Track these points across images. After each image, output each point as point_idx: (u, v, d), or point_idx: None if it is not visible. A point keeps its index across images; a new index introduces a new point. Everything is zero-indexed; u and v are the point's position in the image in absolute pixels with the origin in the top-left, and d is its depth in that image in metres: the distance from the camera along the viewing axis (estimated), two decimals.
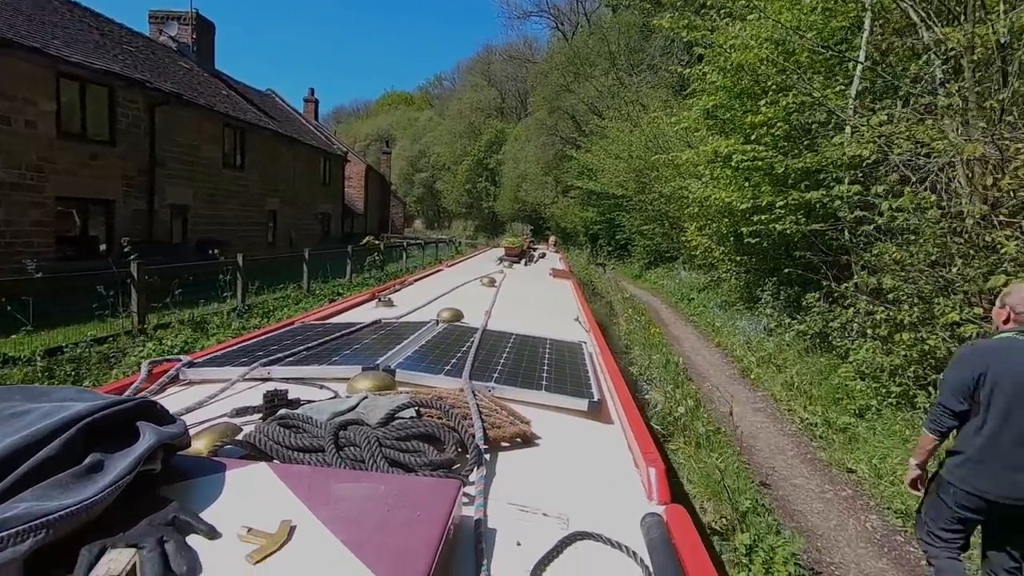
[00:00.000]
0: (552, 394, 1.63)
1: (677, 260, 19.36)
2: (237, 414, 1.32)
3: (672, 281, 17.62)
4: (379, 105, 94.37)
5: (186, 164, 14.10)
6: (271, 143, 18.28)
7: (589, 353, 2.29)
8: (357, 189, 28.28)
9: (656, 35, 28.12)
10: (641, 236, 21.50)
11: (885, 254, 5.29)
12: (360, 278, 13.72)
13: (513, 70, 56.49)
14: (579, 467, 1.29)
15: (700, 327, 11.08)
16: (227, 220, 16.00)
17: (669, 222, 18.73)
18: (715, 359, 8.74)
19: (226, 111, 15.67)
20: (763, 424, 5.98)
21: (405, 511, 0.78)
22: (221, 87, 17.46)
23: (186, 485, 0.83)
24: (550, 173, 34.22)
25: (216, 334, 7.39)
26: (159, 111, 12.83)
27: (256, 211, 17.71)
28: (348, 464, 0.97)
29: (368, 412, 1.20)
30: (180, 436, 0.85)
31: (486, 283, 4.45)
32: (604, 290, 18.54)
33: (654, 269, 20.83)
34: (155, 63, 14.30)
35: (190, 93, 14.32)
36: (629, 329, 10.91)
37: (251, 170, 17.25)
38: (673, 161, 11.19)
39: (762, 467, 4.87)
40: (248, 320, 8.56)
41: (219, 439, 1.08)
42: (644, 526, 1.00)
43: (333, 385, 1.59)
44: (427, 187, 68.12)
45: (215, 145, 15.39)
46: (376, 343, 2.08)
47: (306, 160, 20.99)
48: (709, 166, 9.53)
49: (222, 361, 1.81)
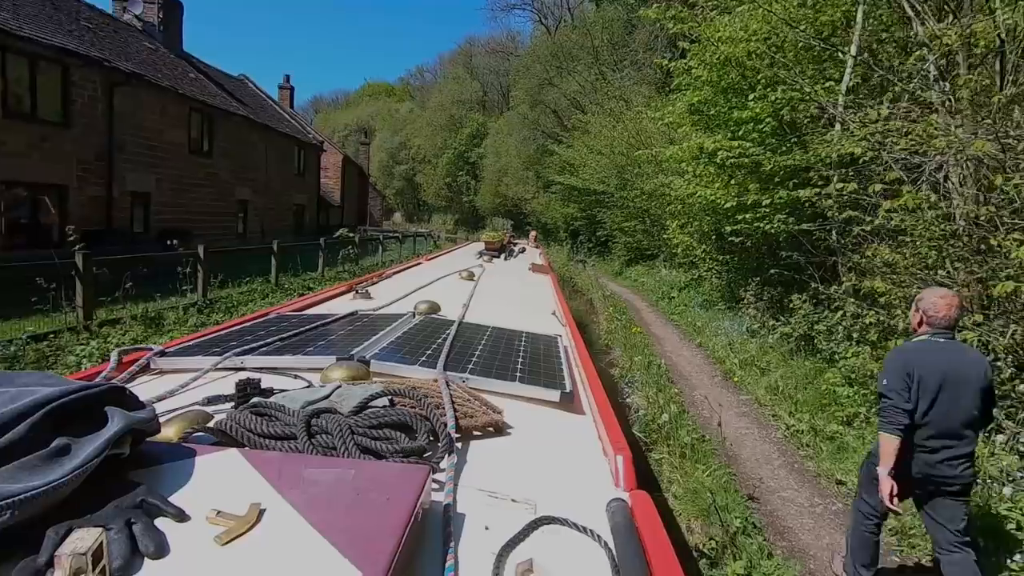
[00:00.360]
0: (525, 385, 1.65)
1: (658, 257, 19.27)
2: (209, 402, 1.32)
3: (653, 279, 17.49)
4: (359, 95, 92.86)
5: (148, 149, 13.36)
6: (242, 129, 17.54)
7: (564, 346, 2.33)
8: (334, 180, 27.51)
9: (639, 30, 28.00)
10: (622, 233, 21.35)
11: (876, 256, 5.09)
12: (333, 272, 13.22)
13: (495, 63, 55.98)
14: (549, 455, 1.31)
15: (681, 327, 10.90)
16: (193, 209, 15.28)
17: (650, 219, 18.60)
18: (698, 360, 8.54)
19: (193, 94, 14.93)
20: (748, 430, 5.77)
21: (374, 495, 0.79)
22: (188, 69, 16.66)
23: (155, 470, 0.83)
24: (531, 168, 33.90)
25: (172, 331, 6.89)
26: (118, 92, 12.09)
27: (225, 200, 16.98)
28: (320, 451, 0.98)
29: (341, 401, 1.21)
30: (149, 422, 0.86)
31: (465, 277, 4.47)
32: (584, 287, 18.34)
33: (634, 266, 20.71)
34: (116, 42, 13.50)
35: (153, 74, 13.57)
36: (610, 328, 10.67)
37: (220, 157, 16.52)
38: (656, 157, 10.94)
39: (749, 478, 4.64)
40: (209, 316, 8.06)
41: (189, 426, 1.10)
42: (609, 511, 1.02)
43: (307, 375, 1.60)
44: (407, 180, 67.28)
45: (181, 130, 14.64)
46: (352, 334, 2.08)
47: (279, 149, 20.26)
48: (693, 163, 9.31)
49: (194, 350, 1.80)
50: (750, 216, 7.71)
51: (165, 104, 13.87)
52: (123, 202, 12.65)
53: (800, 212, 7.31)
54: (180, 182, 14.67)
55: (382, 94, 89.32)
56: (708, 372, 7.89)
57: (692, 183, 10.26)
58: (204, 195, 15.80)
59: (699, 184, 9.81)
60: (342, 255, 14.05)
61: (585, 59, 28.73)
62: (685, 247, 12.98)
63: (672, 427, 4.89)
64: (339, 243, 14.22)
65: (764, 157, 6.92)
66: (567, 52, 30.10)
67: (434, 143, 58.01)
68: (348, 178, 29.72)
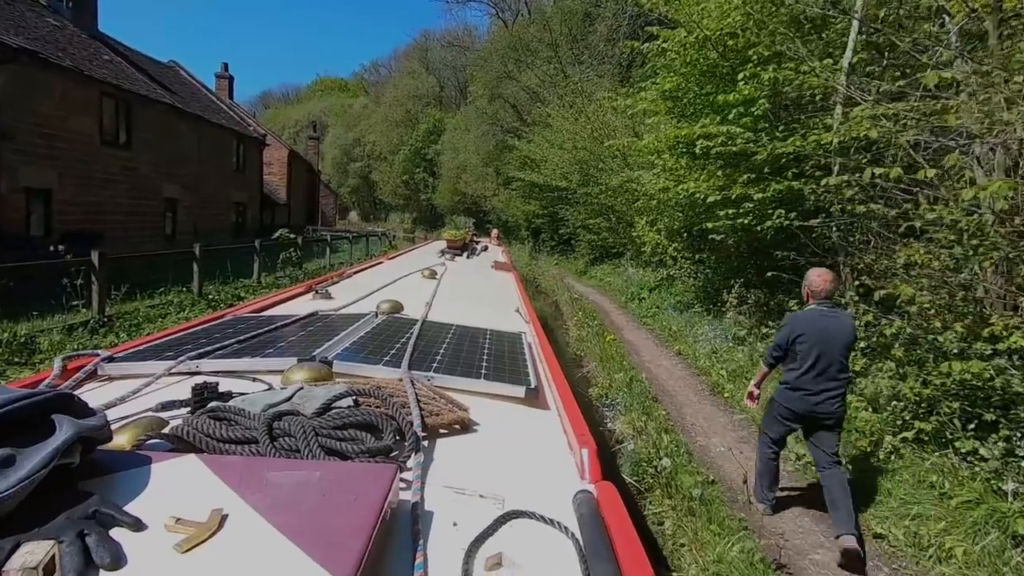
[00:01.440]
0: (491, 382, 1.65)
1: (624, 256, 18.61)
2: (163, 408, 1.28)
3: (620, 278, 16.75)
4: (311, 91, 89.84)
5: (46, 138, 11.52)
6: (168, 119, 15.69)
7: (528, 343, 2.34)
8: (279, 177, 25.60)
9: (600, 22, 27.39)
10: (586, 231, 20.62)
11: (900, 256, 4.31)
12: (272, 278, 11.79)
13: (452, 58, 54.68)
14: (515, 450, 1.32)
15: (656, 331, 10.10)
16: (107, 209, 13.44)
17: (616, 216, 17.89)
18: (679, 371, 7.72)
19: (105, 77, 13.10)
20: (751, 459, 4.94)
21: (340, 496, 0.79)
22: (103, 51, 14.73)
23: (109, 479, 0.81)
24: (491, 164, 32.87)
25: (44, 359, 5.49)
26: (4, 71, 10.29)
27: (149, 198, 15.13)
28: (283, 454, 0.96)
29: (304, 403, 1.20)
30: (100, 429, 0.84)
31: (427, 275, 4.47)
32: (549, 288, 17.44)
33: (600, 265, 19.99)
34: (7, 15, 11.60)
35: (53, 52, 11.75)
36: (580, 335, 9.77)
37: (141, 150, 14.66)
38: (624, 150, 10.10)
39: (770, 532, 3.77)
40: (105, 336, 6.64)
41: (143, 433, 1.06)
42: (575, 503, 1.04)
43: (267, 378, 1.56)
44: (362, 177, 65.22)
45: (90, 118, 12.79)
46: (313, 335, 2.02)
47: (214, 141, 18.41)
48: (667, 154, 8.51)
49: (146, 355, 1.74)
50: (732, 212, 6.94)
51: (69, 87, 12.04)
52: (15, 200, 10.82)
53: (794, 206, 6.58)
54: (89, 177, 12.83)
55: (335, 89, 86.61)
56: (693, 386, 7.07)
57: (663, 176, 9.50)
58: (121, 192, 13.95)
59: (673, 177, 9.03)
60: (282, 259, 12.61)
61: (544, 52, 27.87)
62: (654, 245, 12.30)
63: (673, 471, 3.97)
64: (279, 245, 12.79)
65: (759, 145, 6.11)
66: (525, 45, 29.16)
67: (390, 139, 56.32)
68: (296, 175, 27.83)
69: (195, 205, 17.25)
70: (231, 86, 24.08)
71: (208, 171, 17.99)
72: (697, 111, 8.30)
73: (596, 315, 11.24)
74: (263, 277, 11.70)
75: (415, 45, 61.89)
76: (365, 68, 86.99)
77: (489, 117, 32.54)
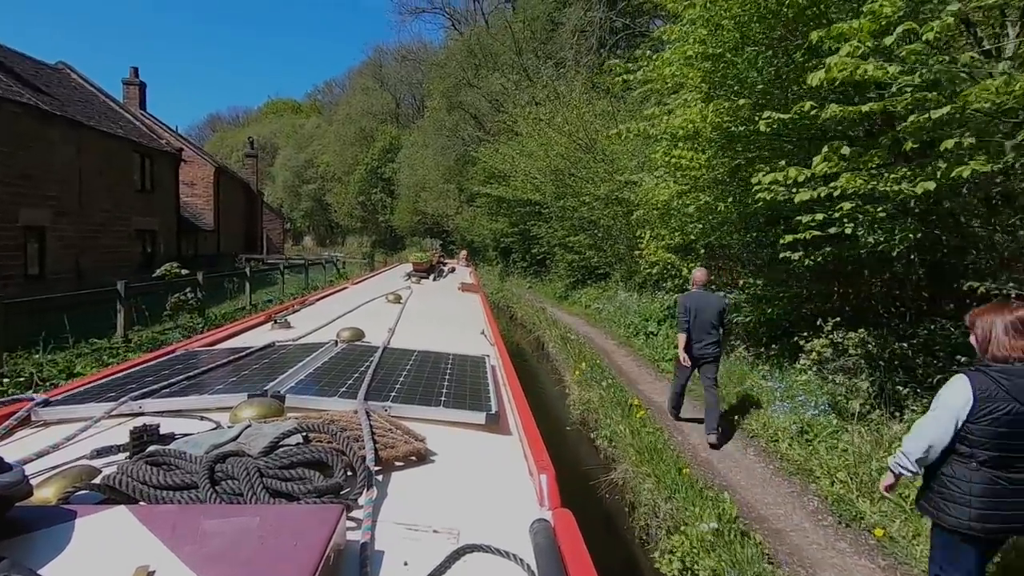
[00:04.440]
0: (450, 409, 1.61)
1: (610, 277, 15.92)
2: (98, 455, 1.22)
3: (610, 305, 13.96)
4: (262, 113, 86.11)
5: None
6: (29, 124, 12.11)
7: (492, 366, 2.29)
8: (204, 199, 21.90)
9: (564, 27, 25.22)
10: (565, 249, 17.90)
11: None
12: (146, 334, 8.42)
13: (407, 73, 52.29)
14: (473, 480, 1.28)
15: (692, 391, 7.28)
16: None
17: (602, 231, 15.23)
18: (759, 466, 4.86)
19: None
20: None
21: (280, 541, 0.75)
22: None
23: (26, 539, 0.76)
24: (452, 180, 30.09)
25: None
26: None
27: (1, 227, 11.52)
28: (225, 499, 0.91)
29: (250, 442, 1.14)
30: (15, 485, 0.78)
31: (392, 300, 4.40)
32: (529, 320, 14.52)
33: (582, 289, 17.23)
34: None
35: None
36: (585, 399, 6.83)
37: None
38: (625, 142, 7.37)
39: None
40: None
41: (71, 484, 0.99)
42: (532, 532, 1.01)
43: (216, 415, 1.50)
44: (316, 200, 61.82)
45: None
46: (267, 368, 1.95)
47: (105, 155, 14.80)
48: (714, 134, 5.83)
49: (84, 397, 1.64)
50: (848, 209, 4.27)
51: None
52: None
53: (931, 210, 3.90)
54: None
55: (287, 111, 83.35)
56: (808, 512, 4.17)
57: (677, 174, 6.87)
58: None
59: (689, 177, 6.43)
60: (172, 302, 9.25)
61: (507, 55, 25.44)
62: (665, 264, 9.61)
63: None
64: (167, 284, 9.47)
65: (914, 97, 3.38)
66: (486, 48, 26.69)
67: (344, 159, 53.22)
68: (227, 196, 24.18)
69: (75, 235, 13.58)
70: (143, 94, 20.48)
71: (96, 191, 14.38)
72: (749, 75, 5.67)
73: (600, 362, 8.34)
74: (137, 333, 8.33)
75: (369, 62, 59.18)
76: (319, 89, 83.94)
77: (448, 129, 29.81)
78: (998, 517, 2.12)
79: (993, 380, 2.10)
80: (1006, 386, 2.07)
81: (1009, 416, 2.06)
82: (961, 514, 2.16)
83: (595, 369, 7.69)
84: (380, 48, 65.36)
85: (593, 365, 7.92)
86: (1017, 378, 2.08)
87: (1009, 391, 2.06)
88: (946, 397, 2.19)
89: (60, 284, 12.48)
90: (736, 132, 5.68)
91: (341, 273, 20.67)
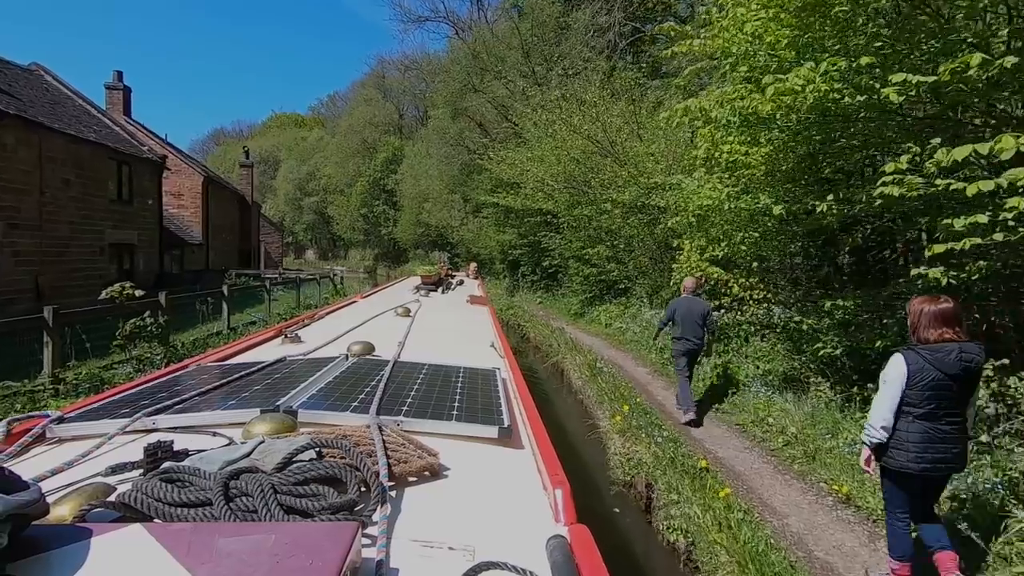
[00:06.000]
0: (462, 423, 1.59)
1: (632, 293, 14.33)
2: (112, 472, 1.20)
3: (635, 324, 12.35)
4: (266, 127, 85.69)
5: None
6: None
7: (503, 379, 2.26)
8: (191, 211, 20.52)
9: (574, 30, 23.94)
10: (580, 262, 16.34)
11: None
12: (86, 371, 6.89)
13: (410, 83, 51.32)
14: (487, 495, 1.26)
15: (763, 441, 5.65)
16: None
17: (624, 242, 13.67)
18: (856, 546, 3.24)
19: None
20: None
21: (296, 560, 0.74)
22: None
23: (41, 559, 0.75)
24: (456, 190, 28.70)
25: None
26: None
27: None
28: (239, 516, 0.91)
29: (264, 458, 1.12)
30: (32, 504, 0.78)
31: (401, 313, 4.37)
32: (544, 342, 12.90)
33: (600, 305, 15.61)
34: None
35: None
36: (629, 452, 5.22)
37: None
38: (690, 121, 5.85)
39: None
40: None
41: (87, 502, 0.97)
42: (548, 548, 0.99)
43: (228, 431, 1.49)
44: (318, 213, 60.74)
45: None
46: (278, 383, 1.94)
47: (73, 161, 13.42)
48: (788, 118, 4.33)
49: (99, 414, 1.63)
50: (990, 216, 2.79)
51: None
52: None
53: None
54: None
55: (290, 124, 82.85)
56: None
57: (750, 171, 5.39)
58: None
59: (761, 168, 4.91)
60: (129, 331, 7.70)
61: (513, 58, 24.13)
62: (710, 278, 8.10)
63: None
64: (117, 310, 7.97)
65: None
66: (491, 52, 25.40)
67: (346, 171, 52.23)
68: (219, 208, 22.84)
69: (36, 250, 12.15)
70: (127, 99, 19.24)
71: (62, 201, 12.99)
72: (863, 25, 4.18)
73: (640, 401, 6.72)
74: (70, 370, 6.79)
75: (372, 73, 58.39)
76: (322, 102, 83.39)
77: (452, 138, 28.50)
78: (928, 458, 2.78)
79: (920, 356, 2.79)
80: (930, 360, 2.76)
81: (935, 382, 2.75)
82: (901, 457, 2.84)
83: (638, 412, 6.09)
84: (383, 59, 64.59)
85: (634, 406, 6.31)
86: (937, 353, 2.76)
87: (933, 363, 2.75)
88: (890, 372, 2.87)
89: (14, 306, 11.03)
90: (847, 105, 4.12)
91: (338, 290, 19.14)
